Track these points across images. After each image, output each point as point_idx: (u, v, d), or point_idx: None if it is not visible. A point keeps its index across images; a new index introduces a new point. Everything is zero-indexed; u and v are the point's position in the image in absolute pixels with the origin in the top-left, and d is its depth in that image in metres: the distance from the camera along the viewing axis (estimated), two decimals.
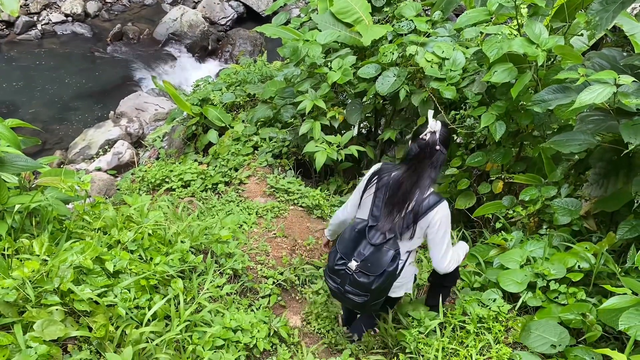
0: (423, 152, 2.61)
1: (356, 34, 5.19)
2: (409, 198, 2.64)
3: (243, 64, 7.47)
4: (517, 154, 4.48)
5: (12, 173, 2.86)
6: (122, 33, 11.00)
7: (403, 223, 2.66)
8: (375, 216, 2.72)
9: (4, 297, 2.08)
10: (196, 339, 2.55)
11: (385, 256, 2.65)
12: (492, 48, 3.84)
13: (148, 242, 2.82)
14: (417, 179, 2.62)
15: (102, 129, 7.95)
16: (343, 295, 2.79)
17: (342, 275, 2.74)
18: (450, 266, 2.76)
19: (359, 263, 2.67)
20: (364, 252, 2.68)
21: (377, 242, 2.67)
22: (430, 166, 2.62)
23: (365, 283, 2.67)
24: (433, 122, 2.62)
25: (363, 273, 2.67)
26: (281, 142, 5.75)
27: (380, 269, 2.65)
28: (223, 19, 11.80)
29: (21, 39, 10.59)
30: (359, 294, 2.71)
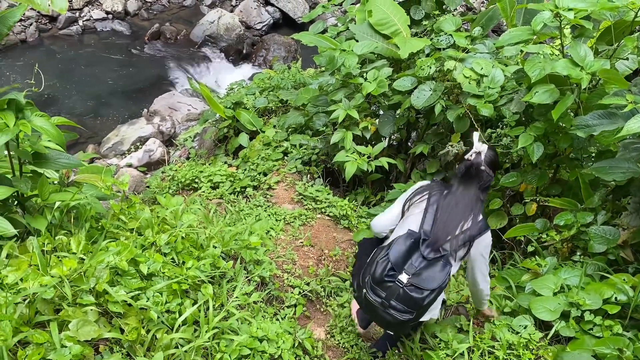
0: (469, 173, 2.64)
1: (393, 46, 5.17)
2: (461, 220, 2.62)
3: (277, 70, 7.51)
4: (553, 177, 4.39)
5: (53, 170, 2.91)
6: (159, 32, 11.17)
7: (458, 242, 2.61)
8: (426, 231, 2.65)
9: (43, 295, 2.11)
10: (223, 346, 2.55)
11: (442, 271, 2.56)
12: (535, 68, 3.78)
13: (181, 246, 2.84)
14: (468, 199, 2.63)
15: (135, 125, 8.07)
16: (384, 311, 2.58)
17: (389, 289, 2.55)
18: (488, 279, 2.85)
19: (410, 277, 2.54)
20: (415, 265, 2.56)
21: (431, 257, 2.59)
22: (479, 187, 2.64)
23: (417, 298, 2.52)
24: (478, 144, 2.66)
25: (415, 287, 2.52)
26: (311, 150, 5.76)
27: (435, 284, 2.53)
28: (259, 24, 11.90)
29: (62, 34, 10.84)
30: (405, 311, 2.55)
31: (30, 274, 2.21)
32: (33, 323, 2.10)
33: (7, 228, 2.37)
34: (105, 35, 11.14)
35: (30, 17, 10.68)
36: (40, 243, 2.39)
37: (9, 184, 2.56)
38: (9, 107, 2.44)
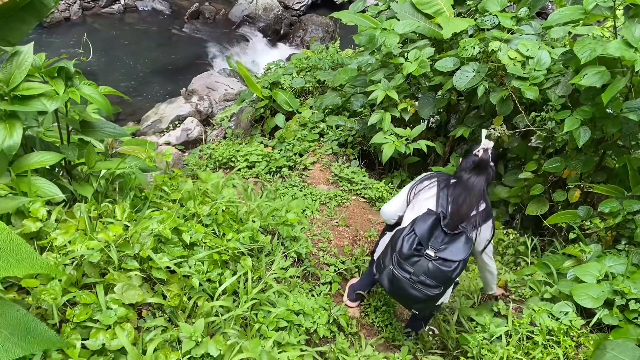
0: (477, 168, 2.77)
1: (436, 25, 5.06)
2: (472, 207, 2.75)
3: (315, 50, 7.47)
4: (599, 163, 4.26)
5: (98, 139, 2.97)
6: (198, 12, 11.24)
7: (470, 225, 2.74)
8: (443, 211, 2.77)
9: (89, 258, 2.16)
10: (261, 317, 2.57)
11: (466, 244, 2.66)
12: (585, 49, 3.64)
13: (222, 218, 2.87)
14: (473, 192, 2.74)
15: (174, 104, 8.17)
16: (412, 286, 2.67)
17: (417, 264, 2.67)
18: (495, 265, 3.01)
19: (437, 251, 2.65)
20: (438, 240, 2.68)
21: (452, 233, 2.69)
22: (485, 180, 2.77)
23: (446, 271, 2.63)
24: (486, 141, 2.82)
25: (444, 260, 2.64)
26: (348, 131, 5.72)
27: (461, 256, 2.64)
28: (297, 4, 11.84)
29: (104, 12, 11.04)
30: (434, 285, 2.65)
31: (78, 237, 2.26)
32: (80, 285, 2.15)
33: (55, 193, 2.43)
34: (145, 14, 11.28)
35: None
36: (86, 209, 2.44)
37: (57, 152, 2.63)
38: (59, 75, 2.49)
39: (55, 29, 10.30)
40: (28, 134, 2.69)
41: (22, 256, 1.39)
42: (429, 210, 2.78)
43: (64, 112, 2.67)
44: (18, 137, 2.33)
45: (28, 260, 1.40)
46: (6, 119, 2.36)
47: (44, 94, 2.37)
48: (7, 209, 2.14)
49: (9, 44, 3.26)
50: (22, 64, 2.34)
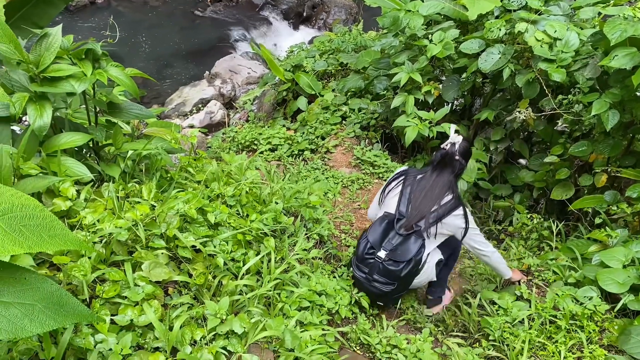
0: (443, 161, 2.92)
1: (461, 7, 4.97)
2: (433, 202, 2.90)
3: (338, 32, 7.42)
4: (627, 147, 4.16)
5: (125, 120, 3.02)
6: None
7: (429, 220, 2.90)
8: (401, 211, 2.97)
9: (117, 236, 2.22)
10: (284, 297, 2.61)
11: (413, 244, 2.89)
12: (615, 30, 3.55)
13: (245, 199, 2.90)
14: (439, 184, 2.91)
15: (197, 87, 8.22)
16: (369, 285, 2.99)
17: (370, 265, 2.97)
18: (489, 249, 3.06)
19: (388, 252, 2.92)
20: (392, 242, 2.93)
21: (405, 233, 2.92)
22: (451, 173, 2.92)
23: (394, 271, 2.90)
24: (454, 135, 2.94)
25: (393, 261, 2.91)
26: (370, 114, 5.70)
27: (408, 256, 2.88)
28: None
29: None
30: (387, 283, 2.95)
31: (106, 216, 2.32)
32: (109, 262, 2.21)
33: (84, 173, 2.49)
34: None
35: None
36: (114, 189, 2.50)
37: (85, 133, 2.68)
38: (86, 57, 2.53)
39: (81, 12, 10.41)
40: (57, 115, 2.76)
41: (55, 232, 1.43)
42: (386, 213, 3.02)
43: (91, 93, 2.72)
44: (48, 117, 2.39)
45: (60, 236, 1.44)
46: (36, 100, 2.42)
47: (72, 75, 2.41)
48: (38, 188, 2.20)
49: (37, 27, 3.32)
50: (51, 46, 2.39)
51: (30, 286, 1.44)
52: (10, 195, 1.44)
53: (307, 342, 2.39)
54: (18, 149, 2.27)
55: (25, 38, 3.08)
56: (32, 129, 2.36)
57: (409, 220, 2.92)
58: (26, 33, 3.15)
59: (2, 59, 2.50)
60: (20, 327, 1.35)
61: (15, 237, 1.36)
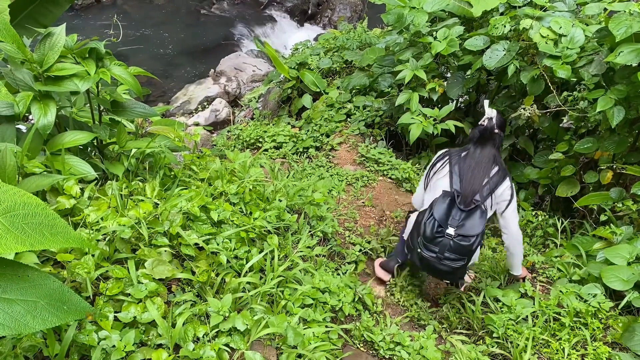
0: (484, 136, 3.04)
1: (466, 3, 4.96)
2: (484, 176, 2.99)
3: (342, 30, 7.41)
4: (633, 144, 4.14)
5: (129, 119, 3.04)
6: None
7: (484, 194, 2.99)
8: (456, 189, 3.03)
9: (121, 234, 2.23)
10: (287, 294, 2.61)
11: (480, 218, 2.93)
12: (621, 26, 3.54)
13: (249, 197, 2.91)
14: (484, 159, 3.01)
15: (202, 85, 8.24)
16: (440, 263, 2.97)
17: (440, 243, 2.96)
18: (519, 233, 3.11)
19: (456, 228, 2.94)
20: (456, 218, 2.95)
21: (467, 209, 2.96)
22: (493, 147, 3.04)
23: (466, 246, 2.92)
24: (489, 110, 3.06)
25: (463, 237, 2.92)
26: (375, 112, 5.69)
27: (477, 230, 2.92)
28: None
29: None
30: (457, 259, 2.95)
31: (110, 214, 2.33)
32: (112, 260, 2.23)
33: (88, 171, 2.51)
34: None
35: None
36: (118, 187, 2.51)
37: (89, 131, 2.70)
38: (90, 56, 2.55)
39: (87, 10, 10.45)
40: (61, 114, 2.77)
41: (57, 230, 1.45)
42: (444, 192, 3.04)
43: (95, 92, 2.73)
44: (52, 116, 2.41)
45: (62, 234, 1.45)
46: (40, 99, 2.44)
47: (76, 74, 2.43)
48: (42, 186, 2.21)
49: (42, 26, 3.34)
50: (55, 45, 2.40)
51: (33, 283, 1.45)
52: (12, 193, 1.46)
53: (310, 339, 2.39)
54: (22, 148, 2.29)
55: (30, 37, 3.10)
56: (36, 128, 2.37)
57: (465, 196, 2.99)
58: (31, 32, 3.17)
59: (7, 58, 2.52)
60: (23, 324, 1.37)
61: (18, 235, 1.37)
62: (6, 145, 2.14)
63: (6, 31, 2.16)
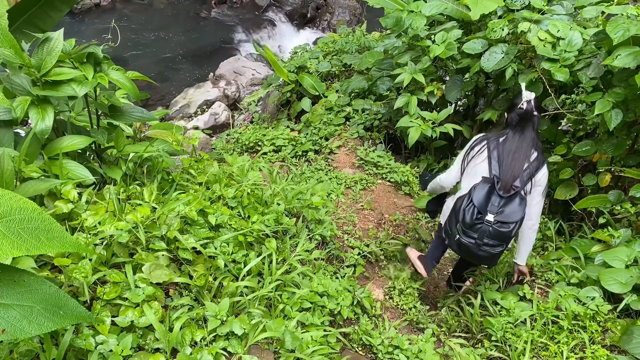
0: (524, 120, 2.98)
1: (464, 7, 4.97)
2: (524, 160, 2.96)
3: (341, 34, 7.43)
4: (631, 147, 4.14)
5: (127, 123, 3.04)
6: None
7: (524, 179, 2.95)
8: (496, 175, 2.99)
9: (118, 238, 2.23)
10: (285, 298, 2.61)
11: (519, 205, 2.91)
12: (618, 29, 3.54)
13: (247, 200, 2.91)
14: (524, 143, 2.97)
15: (202, 89, 8.26)
16: (479, 249, 2.97)
17: (480, 230, 2.94)
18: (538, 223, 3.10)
19: (495, 215, 2.91)
20: (495, 204, 2.92)
21: (507, 195, 2.92)
22: (532, 130, 2.99)
23: (505, 232, 2.90)
24: (527, 93, 3.00)
25: (502, 223, 2.90)
26: (374, 115, 5.70)
27: (517, 216, 2.90)
28: None
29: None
30: (497, 245, 2.94)
31: (107, 218, 2.34)
32: (110, 264, 2.23)
33: (86, 175, 2.51)
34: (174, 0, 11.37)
35: None
36: (116, 191, 2.52)
37: (87, 135, 2.70)
38: (88, 61, 2.55)
39: (86, 15, 10.49)
40: (59, 118, 2.78)
41: (53, 235, 1.45)
42: (484, 178, 3.01)
43: (93, 97, 2.74)
44: (50, 121, 2.41)
45: (59, 239, 1.46)
46: (38, 104, 2.44)
47: (73, 79, 2.43)
48: (40, 191, 2.22)
49: (41, 31, 3.35)
50: (53, 50, 2.41)
51: (29, 288, 1.46)
52: (9, 198, 1.46)
53: (308, 343, 2.39)
54: (20, 152, 2.29)
55: (29, 42, 3.11)
56: (34, 132, 2.38)
57: (505, 182, 2.95)
58: (30, 37, 3.18)
59: (5, 63, 2.53)
60: (19, 329, 1.37)
61: (14, 240, 1.37)
62: (4, 150, 2.14)
63: (4, 36, 2.16)
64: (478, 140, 3.15)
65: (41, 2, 3.45)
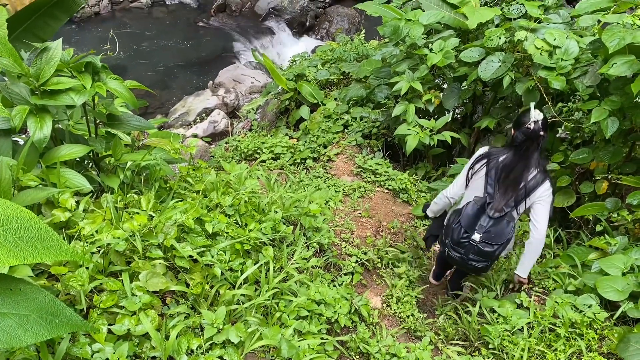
0: (530, 140, 2.93)
1: (461, 15, 5.00)
2: (522, 179, 2.98)
3: (340, 42, 7.46)
4: (628, 154, 4.16)
5: (125, 132, 3.06)
6: (225, 5, 11.35)
7: (519, 197, 2.99)
8: (490, 194, 3.05)
9: (115, 247, 2.24)
10: (282, 306, 2.62)
11: (507, 227, 3.00)
12: (614, 37, 3.56)
13: (244, 208, 2.92)
14: (526, 162, 2.96)
15: (201, 97, 8.29)
16: (465, 263, 3.12)
17: (466, 247, 3.06)
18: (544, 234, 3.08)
19: (482, 235, 3.01)
20: (484, 225, 3.01)
21: (497, 216, 3.00)
22: (536, 150, 2.97)
23: (489, 252, 3.02)
24: (536, 112, 2.95)
25: (487, 243, 3.01)
26: (372, 123, 5.72)
27: (503, 239, 3.00)
28: None
29: (133, 7, 11.25)
30: (482, 261, 3.07)
31: (104, 227, 2.34)
32: (107, 272, 2.24)
33: (83, 184, 2.52)
34: (173, 8, 11.45)
35: None
36: (113, 200, 2.52)
37: (85, 144, 2.72)
38: (86, 70, 2.57)
39: (86, 23, 10.54)
40: (58, 127, 2.79)
41: (50, 243, 1.46)
42: (476, 198, 3.10)
43: (91, 105, 2.75)
44: (48, 130, 2.42)
45: (55, 247, 1.46)
46: (37, 113, 2.46)
47: (72, 88, 2.45)
48: (38, 199, 2.23)
49: (40, 40, 3.37)
50: (51, 60, 2.42)
51: (25, 297, 1.46)
52: (6, 207, 1.47)
53: (305, 351, 2.39)
54: (18, 161, 2.30)
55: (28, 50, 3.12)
56: (32, 141, 2.39)
57: (498, 202, 3.01)
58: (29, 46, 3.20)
59: (4, 72, 2.54)
60: (15, 337, 1.37)
61: (10, 249, 1.38)
62: (2, 159, 2.15)
63: (3, 46, 2.18)
64: (481, 156, 3.17)
65: (40, 11, 3.48)
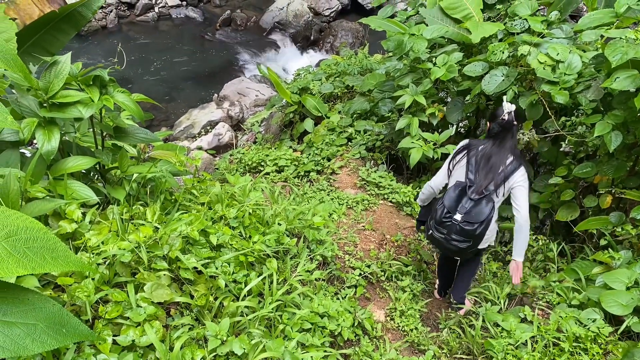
0: (505, 130, 3.22)
1: (465, 30, 5.05)
2: (500, 164, 3.22)
3: (344, 56, 7.52)
4: (631, 168, 4.17)
5: (131, 144, 3.09)
6: (230, 19, 11.47)
7: (498, 181, 3.21)
8: (470, 179, 3.28)
9: (121, 258, 2.26)
10: (286, 319, 2.62)
11: (485, 207, 3.22)
12: (616, 52, 3.59)
13: (248, 221, 2.94)
14: (502, 150, 3.23)
15: (206, 110, 8.35)
16: (448, 243, 3.32)
17: (448, 227, 3.28)
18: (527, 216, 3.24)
19: (463, 215, 3.23)
20: (465, 206, 3.23)
21: (476, 198, 3.23)
22: (511, 138, 3.25)
23: (470, 230, 3.23)
24: (508, 105, 3.23)
25: (468, 222, 3.23)
26: (376, 136, 5.75)
27: (482, 218, 3.21)
28: (327, 10, 11.94)
29: (139, 20, 11.38)
30: (464, 240, 3.27)
31: (110, 238, 2.36)
32: (112, 283, 2.25)
33: (90, 196, 2.54)
34: (179, 22, 11.57)
35: (111, 4, 11.28)
36: (119, 211, 2.55)
37: (92, 156, 2.75)
38: (94, 83, 2.61)
39: (93, 37, 10.66)
40: (65, 139, 2.82)
41: (57, 254, 1.48)
42: (457, 182, 3.33)
43: (98, 118, 2.79)
44: (56, 142, 2.46)
45: (63, 257, 1.48)
46: (45, 125, 2.49)
47: (80, 101, 2.48)
48: (45, 211, 2.25)
49: (48, 54, 3.42)
50: (60, 73, 2.46)
51: (33, 306, 1.48)
52: (15, 217, 1.49)
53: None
54: (26, 173, 2.33)
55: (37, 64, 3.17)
56: (40, 153, 2.42)
57: (479, 185, 3.24)
58: (38, 59, 3.25)
59: (14, 85, 2.58)
60: (22, 347, 1.39)
61: (19, 259, 1.40)
62: (10, 171, 2.18)
63: (13, 61, 2.22)
64: (461, 148, 3.43)
65: (49, 25, 3.53)
